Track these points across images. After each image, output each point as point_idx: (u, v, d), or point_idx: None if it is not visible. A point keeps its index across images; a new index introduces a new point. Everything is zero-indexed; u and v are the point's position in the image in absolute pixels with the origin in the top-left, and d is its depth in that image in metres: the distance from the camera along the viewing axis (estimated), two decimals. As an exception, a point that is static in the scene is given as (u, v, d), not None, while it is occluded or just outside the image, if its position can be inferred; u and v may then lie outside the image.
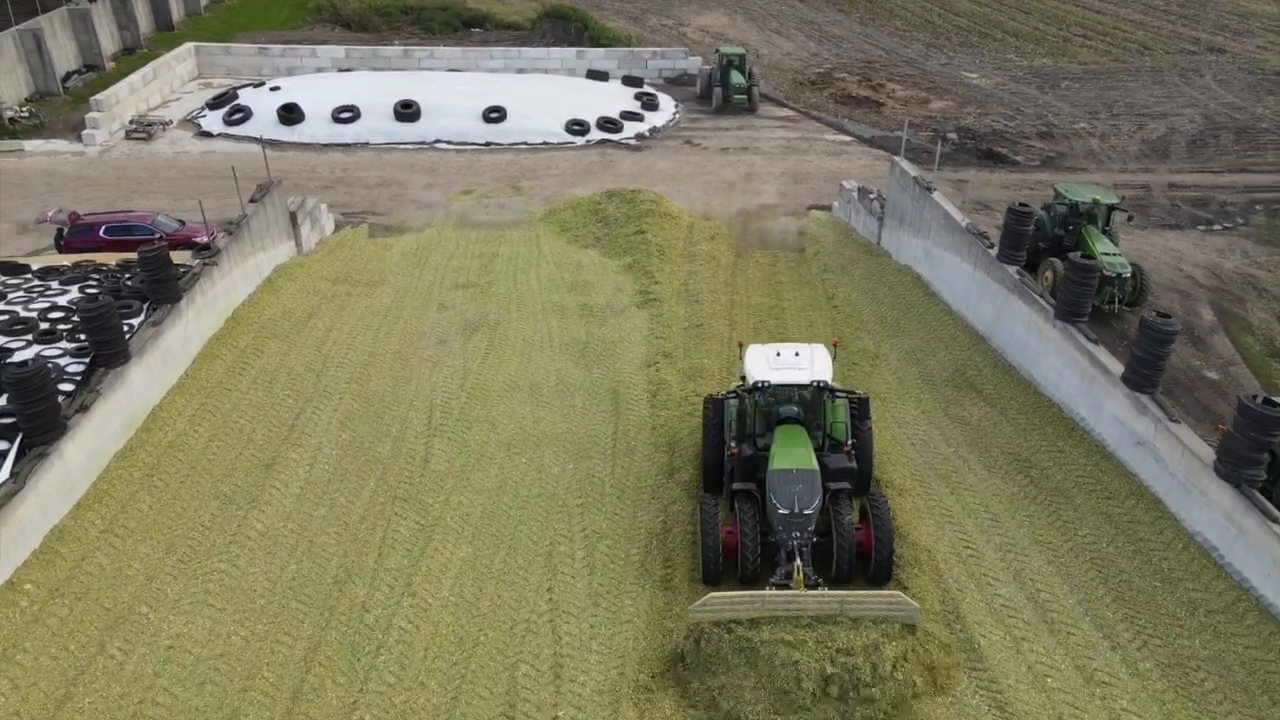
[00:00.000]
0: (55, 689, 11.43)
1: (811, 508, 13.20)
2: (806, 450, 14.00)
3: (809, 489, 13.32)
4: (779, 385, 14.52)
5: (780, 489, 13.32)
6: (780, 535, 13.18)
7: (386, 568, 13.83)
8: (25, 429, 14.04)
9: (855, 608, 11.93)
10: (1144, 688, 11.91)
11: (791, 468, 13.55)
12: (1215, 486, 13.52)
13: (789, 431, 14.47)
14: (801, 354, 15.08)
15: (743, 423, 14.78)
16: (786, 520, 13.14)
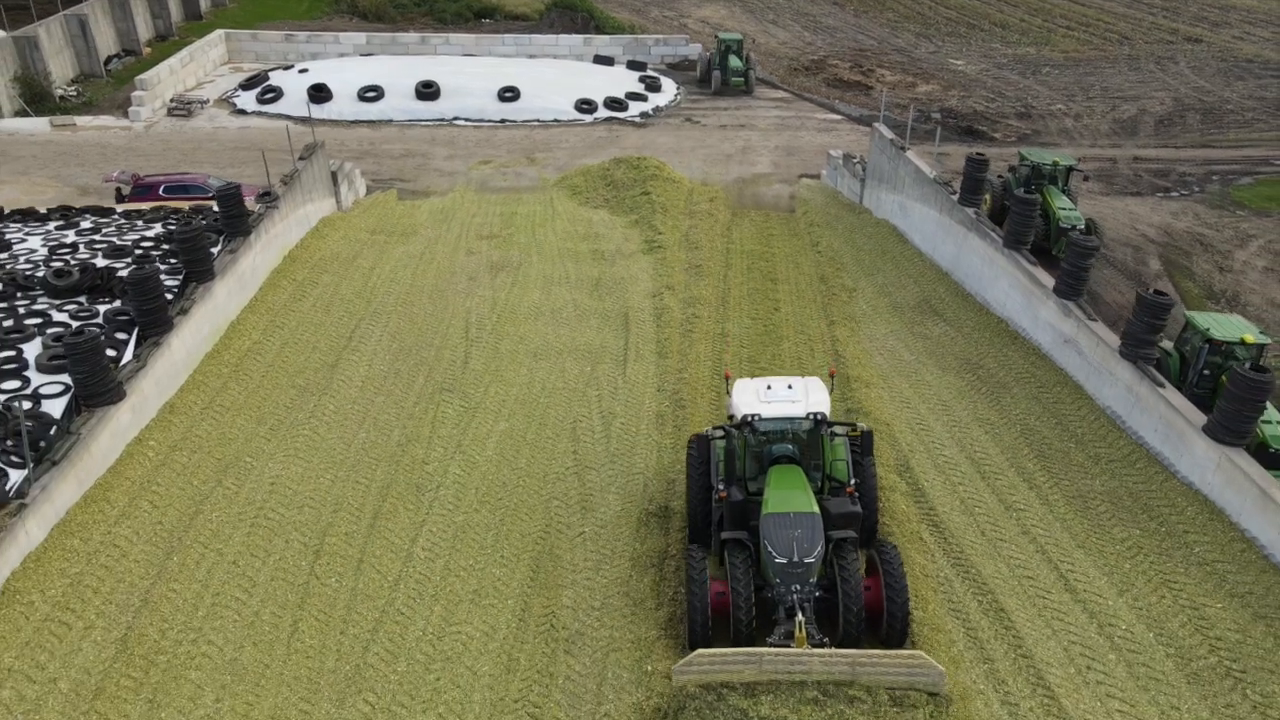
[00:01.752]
0: (186, 509, 14.81)
1: (813, 555, 11.95)
2: (804, 492, 12.75)
3: (809, 534, 12.07)
4: (771, 419, 13.31)
5: (776, 535, 12.10)
6: (778, 589, 12.01)
7: (439, 436, 17.22)
8: (141, 323, 17.47)
9: (869, 671, 10.70)
10: (1050, 512, 15.32)
11: (788, 511, 12.29)
12: (1120, 366, 16.98)
13: (784, 472, 13.20)
14: (795, 386, 13.93)
15: (731, 464, 13.34)
16: (784, 571, 11.93)
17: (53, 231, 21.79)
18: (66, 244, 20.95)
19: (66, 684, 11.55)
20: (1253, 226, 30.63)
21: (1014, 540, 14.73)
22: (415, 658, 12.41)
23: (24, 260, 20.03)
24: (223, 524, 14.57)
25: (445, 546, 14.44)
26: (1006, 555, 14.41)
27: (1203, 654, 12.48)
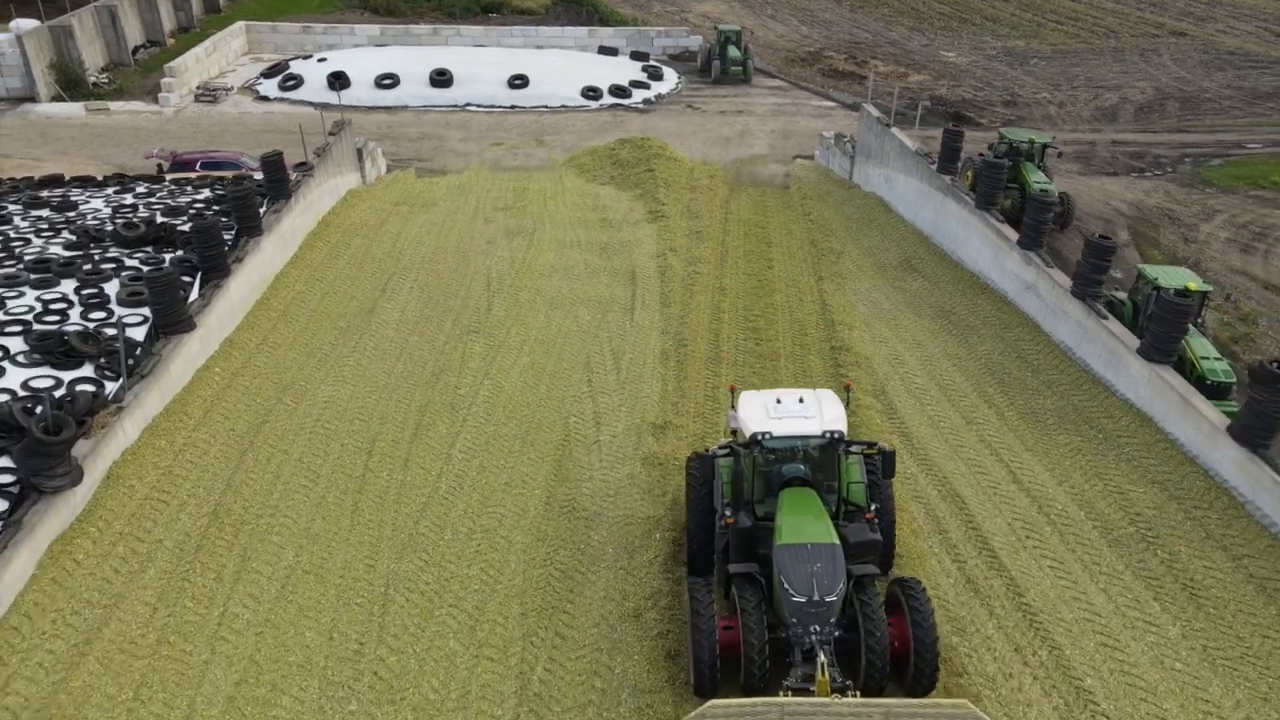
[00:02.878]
0: (253, 420, 17.35)
1: (835, 593, 11.03)
2: (822, 519, 11.82)
3: (829, 569, 11.14)
4: (783, 438, 12.33)
5: (793, 570, 11.17)
6: (794, 629, 11.10)
7: (468, 367, 19.78)
8: (204, 268, 20.05)
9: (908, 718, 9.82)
10: (1005, 424, 17.89)
11: (805, 542, 11.35)
12: (1071, 304, 19.59)
13: (797, 496, 12.28)
14: (807, 400, 12.88)
15: (739, 487, 12.56)
16: (803, 610, 11.00)
17: (112, 195, 24.38)
18: (126, 205, 23.54)
19: (171, 543, 14.09)
20: (1219, 203, 33.22)
21: (972, 446, 17.30)
22: (459, 530, 14.94)
23: (91, 218, 22.62)
24: (286, 432, 17.12)
25: (479, 450, 16.98)
26: (965, 457, 16.98)
27: (1123, 526, 15.05)
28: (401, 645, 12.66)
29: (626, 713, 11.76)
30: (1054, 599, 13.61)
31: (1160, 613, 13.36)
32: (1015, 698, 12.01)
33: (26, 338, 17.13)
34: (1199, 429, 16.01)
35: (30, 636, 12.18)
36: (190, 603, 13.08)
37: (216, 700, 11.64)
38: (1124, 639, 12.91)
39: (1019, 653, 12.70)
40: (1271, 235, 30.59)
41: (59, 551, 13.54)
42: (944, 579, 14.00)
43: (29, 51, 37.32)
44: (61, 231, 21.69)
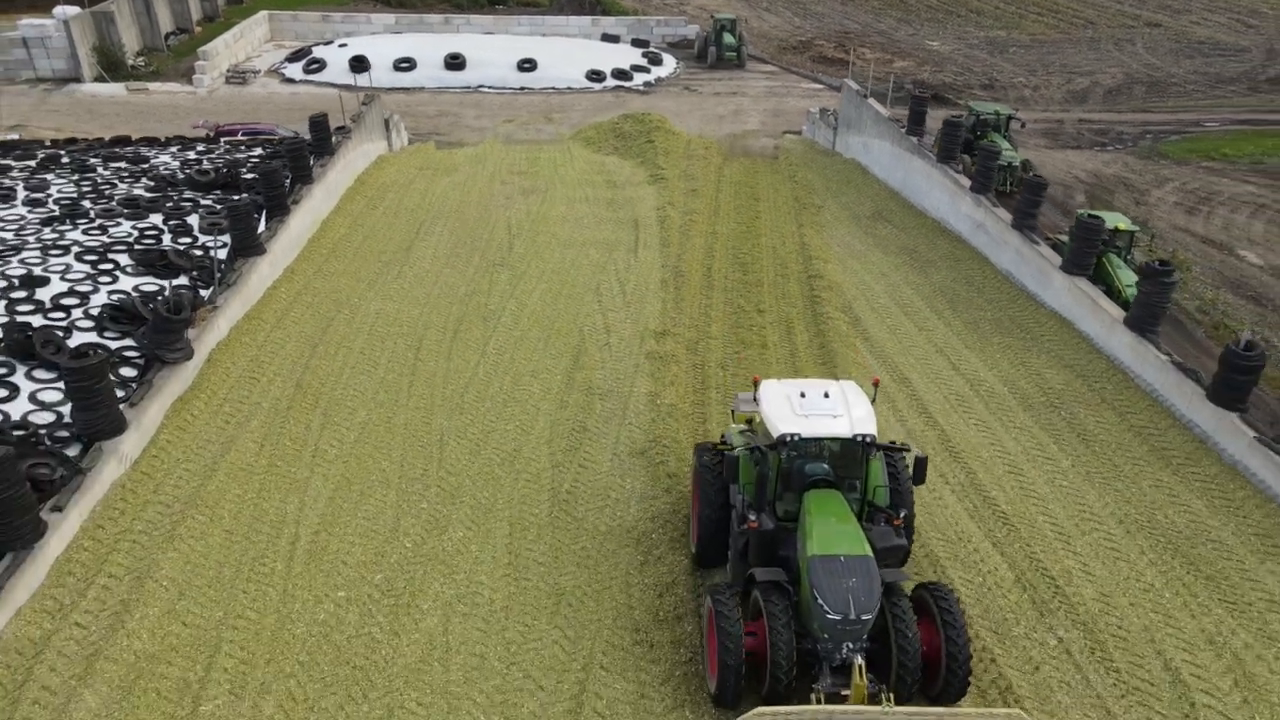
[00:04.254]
0: (319, 325, 21.23)
1: (871, 611, 10.83)
2: (853, 526, 11.58)
3: (865, 584, 10.92)
4: (811, 439, 12.17)
5: (827, 584, 10.94)
6: (825, 645, 11.03)
7: (495, 290, 23.66)
8: (268, 205, 23.96)
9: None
10: (950, 330, 21.83)
11: (838, 554, 11.13)
12: (1011, 235, 23.55)
13: (823, 499, 12.01)
14: (832, 395, 12.55)
15: (763, 490, 12.18)
16: (837, 628, 10.85)
17: (176, 152, 28.33)
18: (191, 159, 27.48)
19: (267, 405, 17.96)
20: (1171, 173, 37.25)
21: (921, 346, 21.22)
22: (497, 400, 18.80)
23: (163, 168, 26.56)
24: (346, 334, 21.01)
25: (509, 347, 20.86)
26: (914, 354, 20.89)
27: (1037, 396, 18.98)
28: (457, 471, 16.51)
29: (636, 512, 15.61)
30: (974, 444, 17.50)
31: (1057, 451, 17.26)
32: (937, 504, 15.86)
33: (131, 254, 21.02)
34: (1102, 323, 19.97)
35: (168, 461, 16.04)
36: (289, 442, 16.95)
37: (319, 501, 15.49)
38: (1025, 468, 16.79)
39: (943, 478, 16.57)
40: (1215, 200, 34.62)
41: (179, 408, 17.43)
42: (890, 433, 17.85)
43: (74, 35, 41.34)
44: (140, 179, 25.60)
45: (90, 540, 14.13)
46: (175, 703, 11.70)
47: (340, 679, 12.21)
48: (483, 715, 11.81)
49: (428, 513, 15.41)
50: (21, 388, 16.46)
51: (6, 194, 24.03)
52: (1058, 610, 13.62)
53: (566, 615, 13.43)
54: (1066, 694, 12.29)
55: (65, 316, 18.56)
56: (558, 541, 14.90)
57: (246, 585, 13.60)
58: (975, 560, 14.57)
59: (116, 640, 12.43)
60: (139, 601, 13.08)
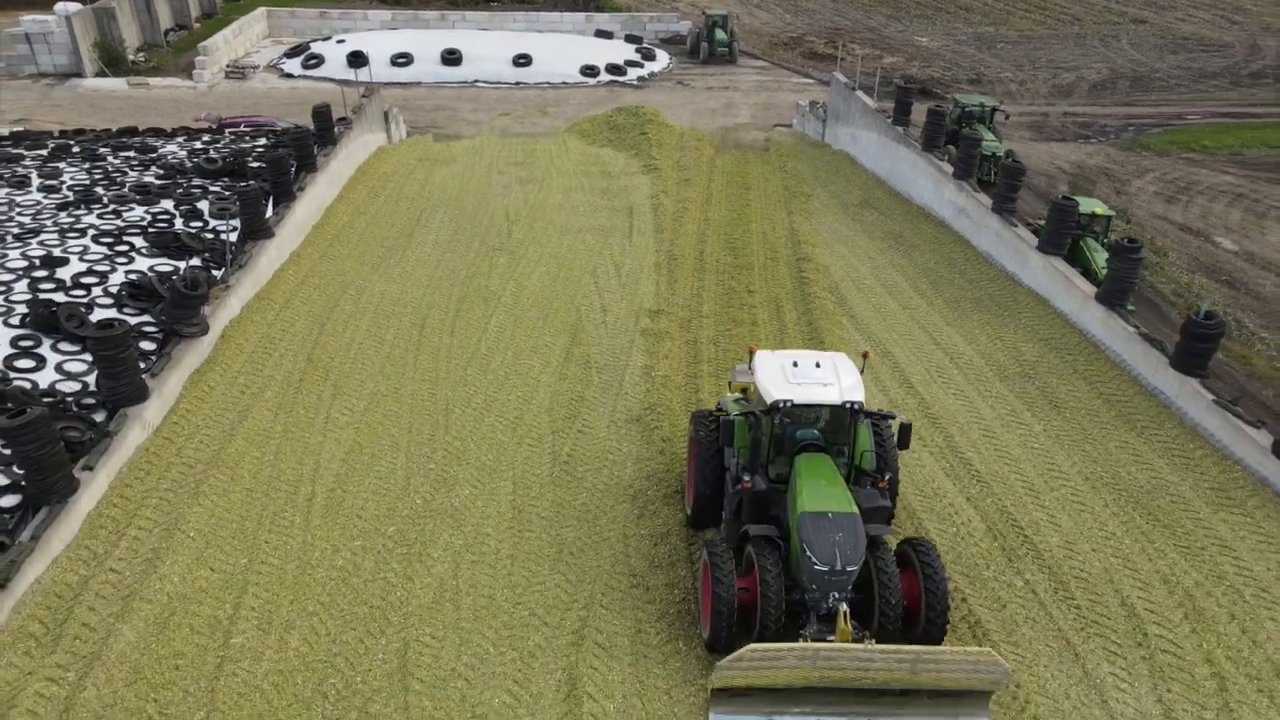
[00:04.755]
0: (326, 304, 22.27)
1: (856, 563, 11.74)
2: (840, 487, 12.55)
3: (851, 539, 11.83)
4: (803, 405, 13.03)
5: (815, 538, 11.83)
6: (813, 595, 11.90)
7: (495, 273, 24.72)
8: (274, 192, 24.99)
9: (930, 668, 10.77)
10: (932, 308, 22.98)
11: (827, 511, 12.06)
12: (991, 218, 24.73)
13: (814, 462, 12.92)
14: (823, 365, 13.44)
15: (756, 453, 13.25)
16: (824, 578, 11.72)
17: (183, 142, 29.35)
18: (197, 148, 28.50)
19: (280, 377, 19.01)
20: (1152, 163, 38.48)
21: (905, 323, 22.36)
22: (498, 374, 19.85)
23: (171, 157, 27.58)
24: (353, 312, 22.06)
25: (509, 325, 21.93)
26: (898, 330, 22.03)
27: (1012, 367, 20.13)
28: (463, 436, 17.58)
29: (632, 472, 16.69)
30: (952, 410, 18.64)
31: (1030, 417, 18.40)
32: (916, 464, 16.98)
33: (145, 237, 22.04)
34: (1075, 299, 21.15)
35: (188, 427, 17.09)
36: (302, 410, 18.00)
37: (333, 462, 16.54)
38: (999, 431, 17.93)
39: (921, 440, 17.69)
40: (1194, 189, 35.85)
41: (197, 380, 18.48)
42: (872, 401, 18.95)
43: (76, 31, 42.29)
44: (149, 167, 26.62)
45: (119, 497, 15.16)
46: (208, 636, 12.74)
47: (359, 616, 13.26)
48: (492, 647, 12.87)
49: (436, 473, 16.47)
50: (48, 359, 17.48)
51: (21, 181, 25.03)
52: (1025, 556, 14.74)
53: (568, 562, 14.50)
54: (1031, 628, 13.40)
55: (85, 294, 19.58)
56: (559, 498, 15.97)
57: (269, 536, 14.65)
58: (950, 513, 15.68)
59: (150, 584, 13.47)
60: (169, 550, 14.12)
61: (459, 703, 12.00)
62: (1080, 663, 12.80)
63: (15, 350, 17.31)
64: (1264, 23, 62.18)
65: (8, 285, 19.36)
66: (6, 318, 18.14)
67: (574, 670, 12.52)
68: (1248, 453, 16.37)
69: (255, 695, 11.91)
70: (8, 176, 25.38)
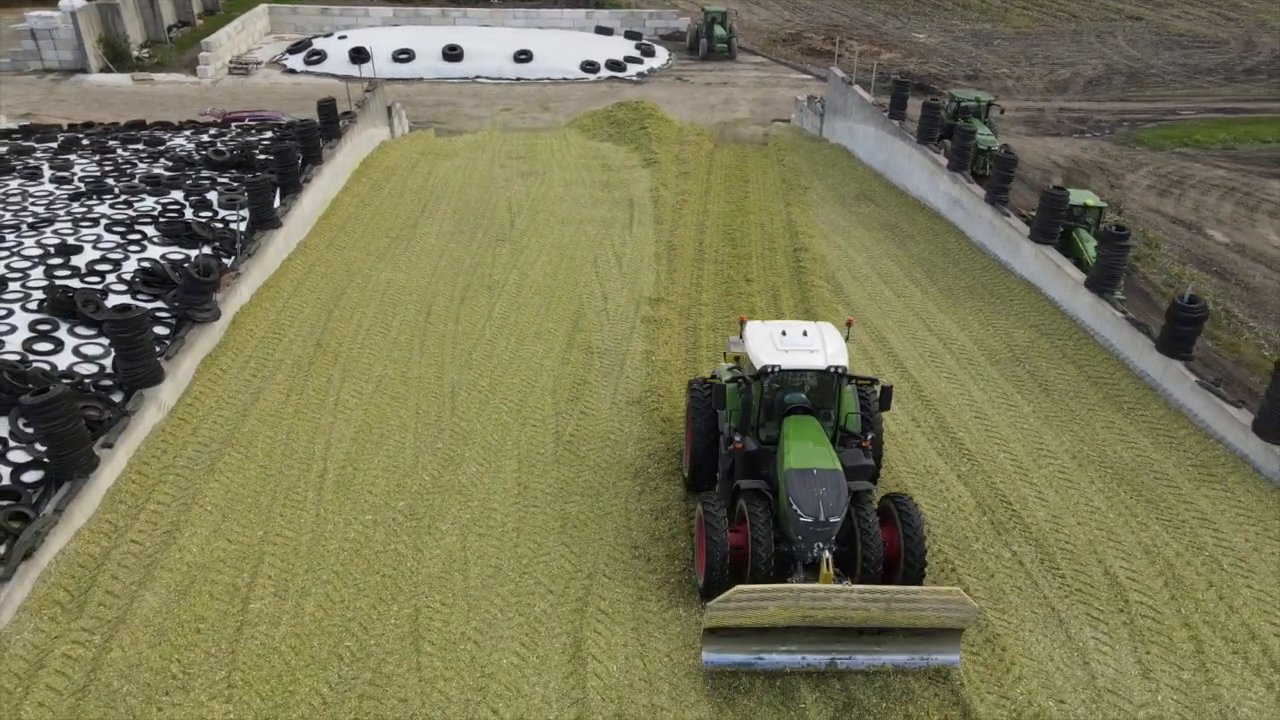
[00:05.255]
0: (333, 292, 22.85)
1: (839, 515, 12.58)
2: (825, 447, 13.34)
3: (834, 493, 12.67)
4: (791, 371, 13.80)
5: (801, 493, 12.68)
6: (798, 545, 12.68)
7: (498, 262, 25.29)
8: (282, 183, 25.56)
9: (904, 607, 11.59)
10: (926, 296, 23.57)
11: (812, 468, 12.86)
12: (984, 209, 25.30)
13: (801, 424, 13.68)
14: (810, 333, 14.24)
15: (747, 415, 14.02)
16: (809, 529, 12.55)
17: (190, 135, 29.91)
18: (204, 141, 29.07)
19: (290, 361, 19.58)
20: (1146, 158, 39.10)
21: (898, 310, 22.94)
22: (503, 358, 20.43)
23: (179, 150, 28.14)
24: (359, 300, 22.64)
25: (513, 312, 22.50)
26: (892, 316, 22.61)
27: (1004, 352, 20.73)
28: (469, 417, 18.15)
29: (633, 450, 17.27)
30: (944, 393, 19.22)
31: (1020, 400, 18.99)
32: (909, 444, 17.56)
33: (156, 226, 22.61)
34: (1065, 286, 21.75)
35: (202, 409, 17.67)
36: (312, 393, 18.57)
37: (343, 441, 17.12)
38: (990, 412, 18.52)
39: (914, 420, 18.28)
40: (1187, 183, 36.45)
41: (209, 364, 19.06)
42: (866, 384, 19.58)
43: (80, 27, 42.84)
44: (158, 159, 27.18)
45: (137, 474, 15.74)
46: (227, 602, 13.32)
47: (372, 585, 13.84)
48: (500, 613, 13.44)
49: (443, 451, 17.05)
50: (66, 342, 18.04)
51: (34, 172, 25.59)
52: (1013, 530, 15.32)
53: (572, 535, 15.07)
54: (1017, 596, 13.98)
55: (100, 281, 20.14)
56: (562, 475, 16.55)
57: (283, 510, 15.22)
58: (941, 489, 16.27)
59: (170, 554, 14.05)
60: (187, 523, 14.70)
61: (469, 663, 12.57)
62: (1064, 628, 13.38)
63: (34, 334, 17.87)
64: (1259, 20, 62.81)
65: (24, 272, 19.92)
66: (24, 303, 18.70)
67: (578, 634, 13.10)
68: (1229, 431, 16.96)
69: (274, 656, 12.49)
70: (20, 168, 25.93)
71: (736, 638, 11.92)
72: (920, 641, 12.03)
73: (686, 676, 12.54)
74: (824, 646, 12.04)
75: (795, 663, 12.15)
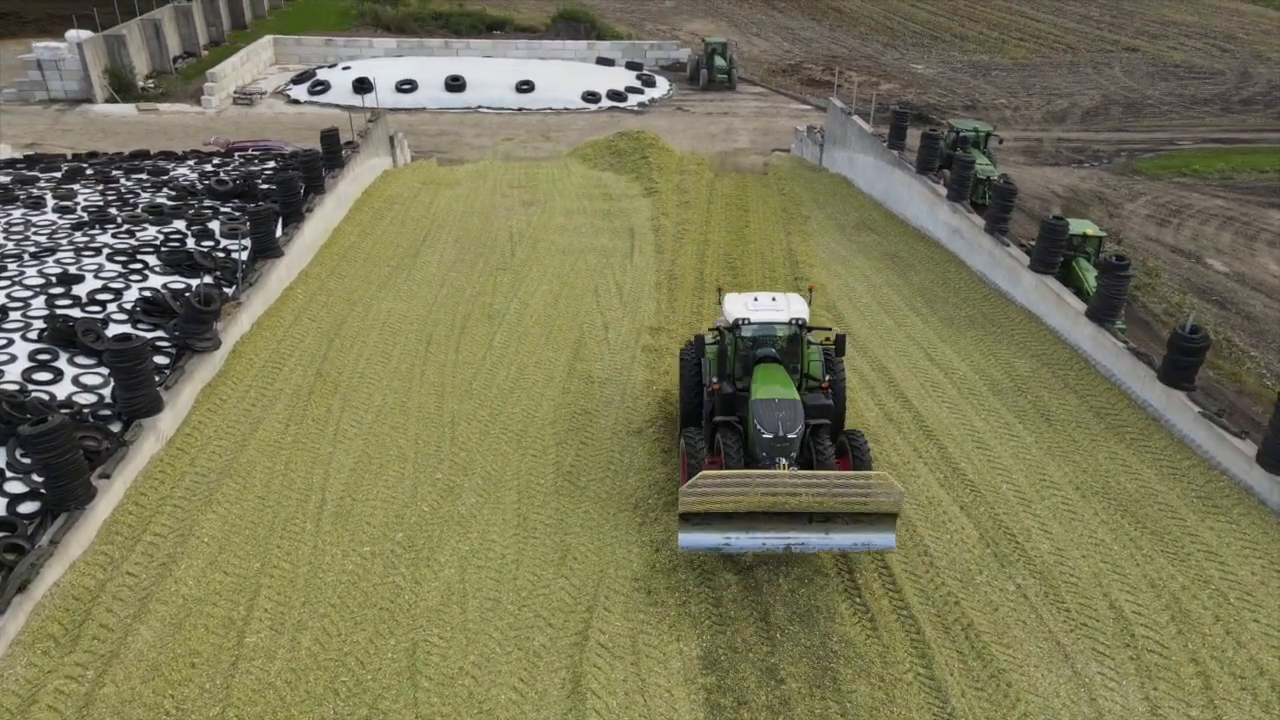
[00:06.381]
0: (334, 321, 22.81)
1: (795, 432, 14.61)
2: (788, 384, 15.57)
3: (792, 415, 14.81)
4: (758, 323, 16.08)
5: (764, 415, 14.83)
6: (763, 460, 14.73)
7: (499, 291, 25.27)
8: (284, 212, 25.60)
9: (840, 491, 13.59)
10: (927, 326, 23.50)
11: (774, 397, 15.04)
12: (984, 238, 25.31)
13: (768, 369, 15.90)
14: (778, 299, 16.62)
15: (723, 361, 16.47)
16: (770, 444, 14.65)
17: (193, 165, 30.01)
18: (207, 170, 29.16)
19: (289, 390, 19.50)
20: (1144, 187, 39.20)
21: (900, 340, 22.87)
22: (503, 388, 20.34)
23: (182, 179, 28.22)
24: (360, 329, 22.59)
25: (513, 341, 22.43)
26: (893, 346, 22.54)
27: (1006, 382, 20.62)
28: (469, 448, 18.03)
29: (634, 481, 17.14)
30: (946, 424, 19.10)
31: (1022, 430, 18.87)
32: (911, 475, 17.43)
33: (158, 255, 22.60)
34: (1066, 316, 21.68)
35: (201, 439, 17.57)
36: (311, 423, 18.47)
37: (342, 472, 17.00)
38: (992, 444, 18.39)
39: (916, 451, 18.15)
40: (1185, 213, 36.51)
41: (209, 393, 18.99)
42: (868, 414, 19.47)
43: (87, 57, 43.16)
44: (161, 189, 27.25)
45: (135, 505, 15.62)
46: (222, 636, 13.15)
47: (369, 618, 13.66)
48: (498, 647, 13.26)
49: (442, 482, 16.92)
50: (65, 372, 17.97)
51: (37, 201, 25.65)
52: (1016, 562, 15.15)
53: (572, 567, 14.91)
54: (1022, 630, 13.79)
55: (101, 310, 20.10)
56: (563, 506, 16.41)
57: (280, 542, 15.07)
58: (944, 521, 16.11)
59: (165, 586, 13.89)
60: (183, 555, 14.55)
61: (466, 699, 12.38)
62: (1070, 663, 13.18)
63: (33, 363, 17.80)
64: (1254, 51, 63.26)
65: (25, 301, 19.88)
66: (25, 332, 18.65)
67: (578, 669, 12.91)
68: (1233, 462, 16.82)
69: (269, 692, 12.30)
70: (24, 197, 25.99)
71: (707, 523, 13.91)
72: (860, 527, 13.92)
73: (689, 713, 12.34)
74: (780, 531, 13.96)
75: (756, 546, 14.14)
